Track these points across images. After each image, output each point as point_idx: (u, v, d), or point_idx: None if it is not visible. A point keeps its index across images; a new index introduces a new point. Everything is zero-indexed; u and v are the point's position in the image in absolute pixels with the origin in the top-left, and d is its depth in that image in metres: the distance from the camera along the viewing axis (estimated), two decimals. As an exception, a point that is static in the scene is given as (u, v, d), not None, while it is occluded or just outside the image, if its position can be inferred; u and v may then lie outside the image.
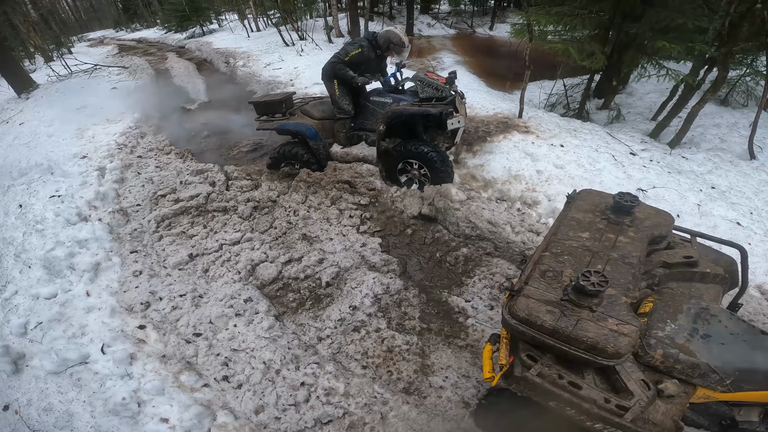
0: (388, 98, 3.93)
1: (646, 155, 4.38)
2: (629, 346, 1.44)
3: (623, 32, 4.85)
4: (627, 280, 1.68)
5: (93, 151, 5.13)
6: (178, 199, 4.12)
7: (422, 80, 3.69)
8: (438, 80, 3.68)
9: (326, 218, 3.81)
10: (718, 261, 2.11)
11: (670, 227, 2.04)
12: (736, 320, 1.77)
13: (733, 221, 3.54)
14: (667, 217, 2.08)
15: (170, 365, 2.58)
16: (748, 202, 3.84)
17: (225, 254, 3.45)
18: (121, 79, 9.24)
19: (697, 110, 4.43)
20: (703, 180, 4.11)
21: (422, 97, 3.72)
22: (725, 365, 1.59)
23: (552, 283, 1.66)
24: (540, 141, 4.40)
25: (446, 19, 13.51)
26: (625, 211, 1.99)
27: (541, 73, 6.65)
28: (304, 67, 6.80)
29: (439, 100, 3.67)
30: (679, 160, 4.39)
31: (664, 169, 4.14)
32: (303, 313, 2.98)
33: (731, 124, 5.01)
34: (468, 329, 2.82)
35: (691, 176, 4.12)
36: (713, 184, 4.07)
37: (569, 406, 1.51)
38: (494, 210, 3.55)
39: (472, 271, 3.29)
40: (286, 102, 4.36)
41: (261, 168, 4.79)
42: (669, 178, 4.00)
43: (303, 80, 6.45)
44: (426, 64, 9.17)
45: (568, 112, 5.93)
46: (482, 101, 5.53)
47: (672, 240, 2.13)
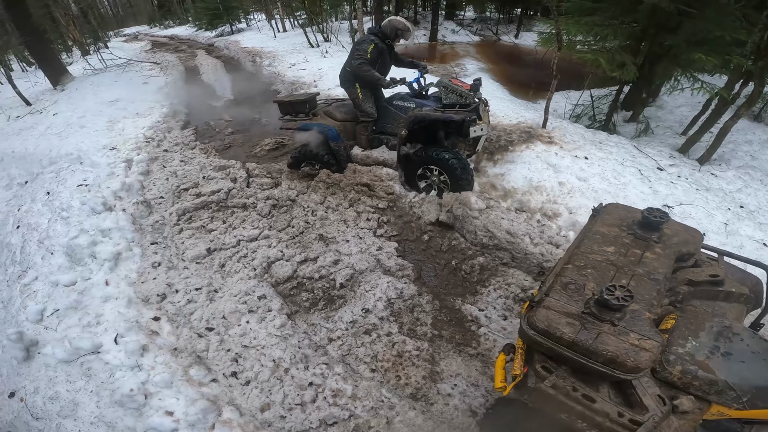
0: (411, 103, 3.90)
1: (674, 171, 4.24)
2: (649, 361, 1.44)
3: (657, 43, 4.73)
4: (651, 296, 1.66)
5: (122, 143, 5.28)
6: (200, 193, 4.20)
7: (446, 86, 3.66)
8: (462, 87, 3.65)
9: (344, 220, 3.82)
10: (744, 281, 2.08)
11: (699, 245, 2.01)
12: (758, 339, 1.76)
13: (760, 242, 3.41)
14: (696, 235, 2.04)
15: (181, 358, 2.59)
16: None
17: (242, 250, 3.49)
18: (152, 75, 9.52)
19: (730, 125, 4.27)
20: (731, 198, 3.97)
21: (445, 103, 3.68)
22: (743, 383, 1.57)
23: (573, 296, 1.65)
24: (563, 152, 4.31)
25: (471, 26, 13.46)
26: (653, 227, 1.96)
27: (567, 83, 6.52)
28: (327, 69, 6.87)
29: (463, 106, 3.63)
30: (708, 177, 4.24)
31: (692, 186, 4.00)
32: (315, 313, 2.99)
33: (764, 141, 4.83)
34: (480, 338, 2.79)
35: (719, 194, 3.97)
36: (742, 203, 3.92)
37: (581, 419, 1.50)
38: (513, 220, 3.49)
39: (487, 280, 3.25)
40: (310, 102, 4.37)
41: (281, 167, 4.84)
42: (697, 195, 3.87)
43: (326, 82, 6.52)
44: (449, 70, 9.14)
45: (593, 123, 5.80)
46: (505, 110, 5.47)
47: (699, 258, 2.09)
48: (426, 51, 11.32)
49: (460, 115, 3.53)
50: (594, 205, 2.30)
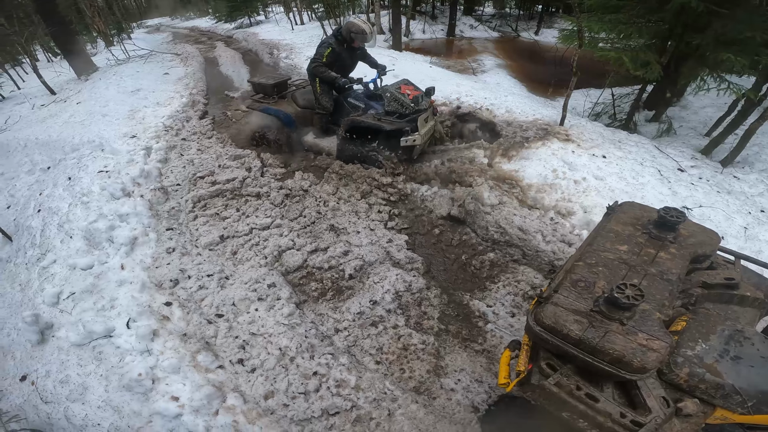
0: (362, 102, 4.18)
1: (695, 172, 4.12)
2: (656, 361, 1.42)
3: (684, 43, 4.58)
4: (663, 297, 1.64)
5: (142, 131, 5.40)
6: (215, 181, 4.27)
7: (391, 94, 3.86)
8: (411, 94, 3.81)
9: (355, 211, 3.84)
10: (760, 285, 2.03)
11: (716, 247, 1.96)
12: None
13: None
14: (714, 237, 1.99)
15: (190, 344, 2.62)
16: (801, 230, 3.53)
17: (254, 238, 3.53)
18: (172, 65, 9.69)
19: (756, 127, 4.12)
20: (753, 202, 3.83)
21: (387, 109, 3.89)
22: (750, 387, 1.55)
23: (583, 294, 1.63)
24: (581, 150, 4.23)
25: (490, 22, 13.25)
26: (670, 227, 1.92)
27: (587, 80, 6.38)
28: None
29: (403, 116, 3.82)
30: (730, 180, 4.11)
31: (712, 188, 3.88)
32: (323, 303, 3.02)
33: (792, 144, 4.62)
34: (486, 334, 2.79)
35: (740, 197, 3.84)
36: (763, 207, 3.78)
37: (583, 418, 1.49)
38: (526, 217, 3.45)
39: (496, 276, 3.24)
40: (279, 87, 4.90)
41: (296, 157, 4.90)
42: (717, 197, 3.75)
43: (342, 75, 6.54)
44: (466, 65, 9.04)
45: (613, 122, 5.66)
46: (522, 106, 5.38)
47: (715, 260, 2.05)
48: (443, 46, 11.21)
49: (394, 126, 3.78)
50: (609, 203, 2.25)
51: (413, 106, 3.79)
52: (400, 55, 8.01)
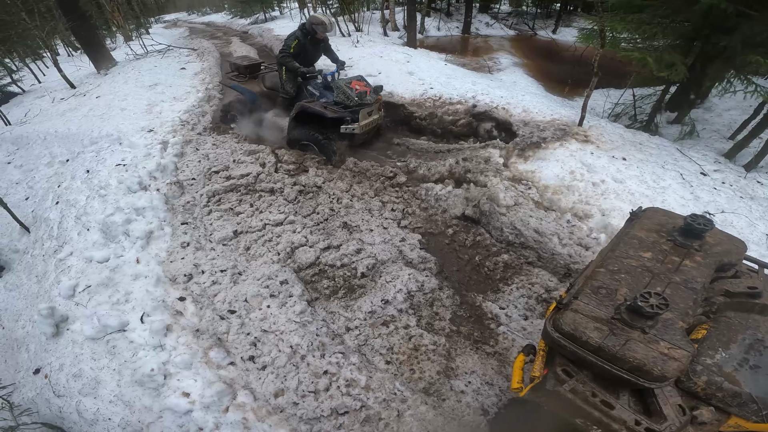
0: (318, 91, 4.65)
1: (718, 176, 3.99)
2: (677, 370, 1.41)
3: (710, 44, 4.45)
4: (687, 306, 1.61)
5: (159, 125, 5.45)
6: (229, 176, 4.29)
7: (338, 87, 4.39)
8: (357, 90, 4.31)
9: (368, 209, 3.83)
10: None
11: (742, 256, 1.92)
12: None
13: (805, 256, 3.16)
14: (740, 245, 1.95)
15: (202, 340, 2.62)
16: (827, 238, 3.39)
17: (267, 234, 3.54)
18: (189, 60, 9.77)
19: (783, 131, 3.98)
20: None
21: (335, 100, 4.40)
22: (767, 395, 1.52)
23: (604, 301, 1.60)
24: (600, 152, 4.14)
25: (506, 20, 13.05)
26: (696, 235, 1.88)
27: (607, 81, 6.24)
28: (358, 58, 6.85)
29: (347, 107, 4.32)
30: (754, 185, 3.97)
31: (736, 193, 3.76)
32: (335, 302, 3.01)
33: (821, 150, 4.44)
34: (498, 337, 2.76)
35: (764, 203, 3.72)
36: (789, 214, 3.65)
37: (597, 425, 1.48)
38: (542, 219, 3.39)
39: (510, 278, 3.19)
40: (251, 68, 5.61)
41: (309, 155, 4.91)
42: (740, 203, 3.63)
43: (356, 70, 6.49)
44: (481, 63, 8.93)
45: (634, 123, 5.52)
46: (539, 105, 5.29)
47: (739, 269, 2.00)
48: (458, 44, 11.09)
49: (337, 114, 4.27)
50: (632, 208, 2.21)
51: (357, 100, 4.28)
52: (415, 53, 7.94)
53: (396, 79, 6.08)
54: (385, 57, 6.93)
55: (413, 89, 5.82)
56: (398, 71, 6.31)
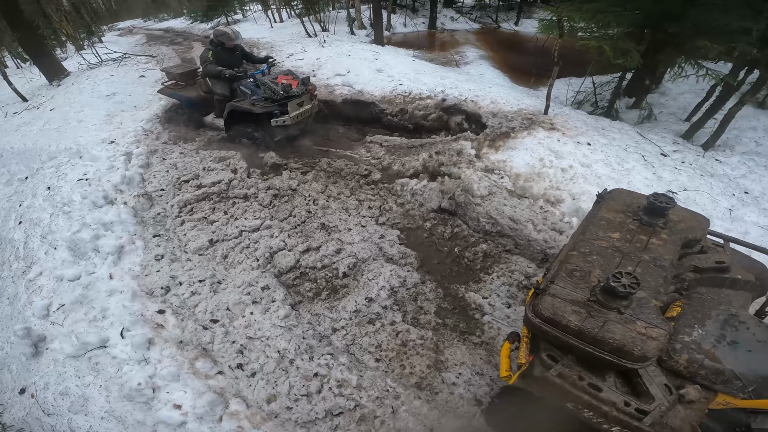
0: (249, 89, 4.80)
1: (678, 157, 4.21)
2: (657, 350, 1.42)
3: (661, 31, 4.66)
4: (658, 283, 1.64)
5: (121, 136, 5.25)
6: (200, 185, 4.18)
7: (263, 83, 4.56)
8: (283, 83, 4.52)
9: (345, 208, 3.81)
10: (750, 268, 2.05)
11: (705, 231, 1.98)
12: (765, 328, 1.74)
13: (765, 228, 3.37)
14: (703, 221, 2.01)
15: (187, 351, 2.59)
16: (783, 209, 3.64)
17: (244, 241, 3.48)
18: (148, 68, 9.41)
19: (735, 112, 4.23)
20: (736, 184, 3.93)
21: (264, 96, 4.57)
22: (750, 372, 1.56)
23: (579, 283, 1.62)
24: (566, 138, 4.28)
25: (470, 14, 13.22)
26: (660, 213, 1.94)
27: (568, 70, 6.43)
28: (326, 58, 6.78)
29: (275, 101, 4.51)
30: (713, 163, 4.21)
31: (696, 172, 3.97)
32: (319, 303, 2.99)
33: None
34: (484, 326, 2.79)
35: (723, 180, 3.94)
36: (747, 188, 3.89)
37: (587, 408, 1.49)
38: (516, 207, 3.47)
39: (490, 267, 3.25)
40: (186, 75, 5.71)
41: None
42: (701, 181, 3.84)
43: (325, 71, 6.44)
44: (449, 57, 9.02)
45: (596, 110, 5.74)
46: (506, 97, 5.41)
47: (706, 244, 2.06)
48: (425, 39, 11.15)
49: (265, 109, 4.51)
50: (599, 191, 2.26)
51: (283, 93, 4.49)
52: (383, 50, 7.93)
53: (365, 77, 6.07)
54: (353, 55, 6.90)
55: (383, 86, 5.83)
56: (367, 69, 6.30)
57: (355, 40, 9.38)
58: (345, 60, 6.65)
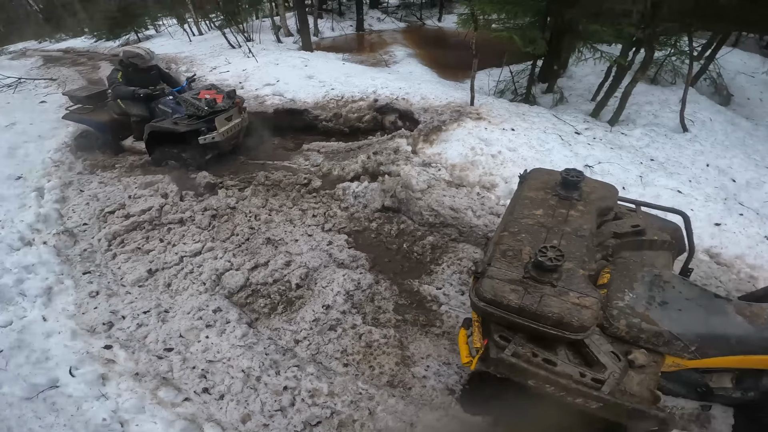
0: (170, 108, 4.57)
1: (590, 133, 4.64)
2: (592, 318, 1.46)
3: (560, 18, 5.06)
4: (582, 253, 1.70)
5: (28, 171, 4.74)
6: (128, 214, 3.91)
7: (184, 100, 4.33)
8: (206, 99, 4.28)
9: (289, 220, 3.76)
10: (664, 228, 2.17)
11: (616, 198, 2.10)
12: (689, 285, 1.81)
13: (674, 189, 3.79)
14: (612, 189, 2.13)
15: (145, 382, 2.50)
16: (686, 171, 4.15)
17: (187, 266, 3.33)
18: (50, 92, 8.53)
19: (630, 89, 4.74)
20: (642, 153, 4.42)
21: (187, 113, 4.35)
22: (686, 332, 1.61)
23: (513, 262, 1.65)
24: (492, 126, 4.55)
25: (396, 13, 13.51)
26: (573, 186, 2.03)
27: (489, 61, 6.81)
28: (253, 69, 6.60)
29: (200, 117, 4.29)
30: (620, 137, 4.70)
31: (606, 146, 4.40)
32: (276, 318, 2.94)
33: (662, 100, 5.40)
34: (443, 316, 2.87)
35: (631, 150, 4.41)
36: (652, 156, 4.37)
37: (548, 384, 1.51)
38: (455, 196, 3.64)
39: (439, 258, 3.35)
40: (94, 97, 5.20)
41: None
42: (612, 153, 4.26)
43: (253, 82, 6.26)
44: (378, 58, 9.17)
45: (516, 97, 6.12)
46: (435, 92, 5.63)
47: (619, 211, 2.17)
48: (354, 41, 11.23)
49: (189, 127, 4.26)
50: (520, 172, 2.36)
51: (207, 109, 4.26)
52: (312, 56, 7.88)
53: (296, 85, 6.00)
54: (281, 64, 6.78)
55: (315, 92, 5.80)
56: (297, 76, 6.23)
57: (282, 48, 9.22)
58: (273, 69, 6.53)
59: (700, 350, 1.62)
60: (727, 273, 3.16)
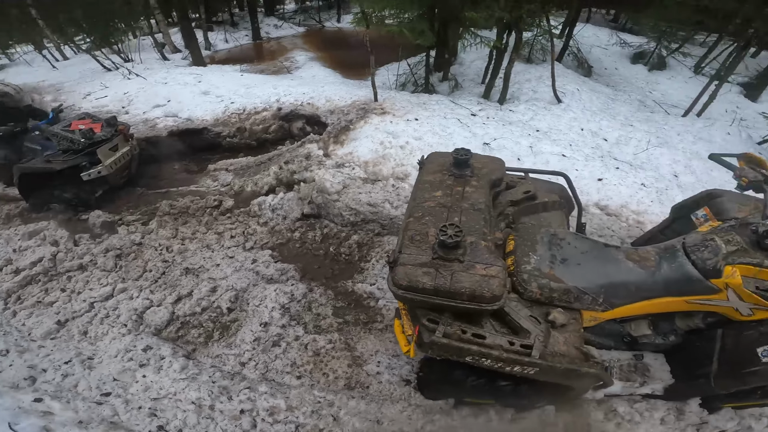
0: (38, 145, 4.10)
1: (483, 114, 5.07)
2: (501, 286, 1.51)
3: (444, 8, 5.38)
4: (480, 226, 1.78)
5: None
6: (17, 269, 3.43)
7: (54, 134, 3.85)
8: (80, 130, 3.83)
9: (206, 246, 3.58)
10: (552, 190, 2.39)
11: (503, 169, 2.25)
12: (582, 239, 1.96)
13: (558, 154, 4.32)
14: (499, 162, 2.29)
15: (92, 429, 2.29)
16: (566, 137, 4.74)
17: (100, 312, 3.07)
18: None
19: (509, 69, 5.26)
20: (529, 126, 4.95)
21: (60, 148, 3.90)
22: (590, 284, 1.71)
23: (422, 246, 1.69)
24: (397, 119, 4.75)
25: (293, 18, 13.29)
26: (464, 164, 2.15)
27: (388, 56, 7.06)
28: (136, 91, 6.01)
29: (78, 151, 3.86)
30: (508, 114, 5.20)
31: (499, 123, 4.85)
32: (215, 345, 2.84)
33: (538, 77, 6.06)
34: (382, 311, 2.95)
35: (519, 125, 4.92)
36: (537, 127, 4.91)
37: (483, 357, 1.56)
38: (370, 192, 3.75)
39: (367, 255, 3.44)
40: None
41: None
42: (504, 129, 4.72)
43: (139, 105, 5.70)
44: (279, 66, 8.98)
45: (417, 88, 6.41)
46: (339, 92, 5.70)
47: (510, 180, 2.37)
48: (252, 51, 10.82)
49: (67, 164, 3.79)
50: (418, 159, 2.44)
51: (84, 141, 3.83)
52: (206, 70, 7.44)
53: (191, 103, 5.63)
54: (170, 82, 6.30)
55: (213, 108, 5.51)
56: (190, 94, 5.85)
57: (169, 65, 8.54)
58: (162, 89, 6.05)
59: (607, 301, 1.72)
60: (617, 222, 3.62)
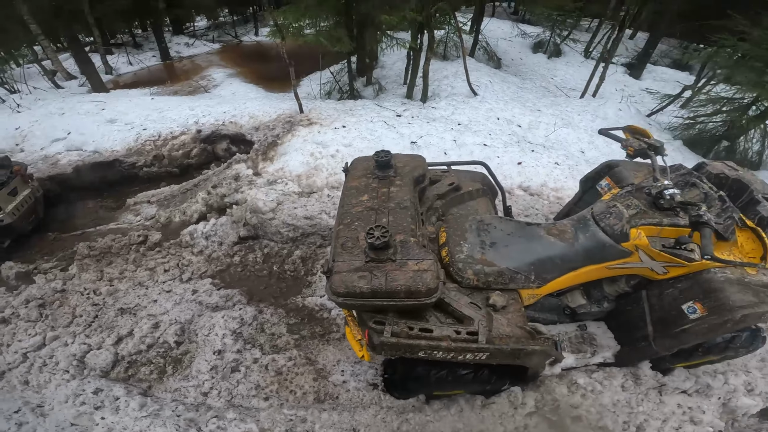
0: None
1: (408, 114, 5.26)
2: (435, 278, 1.55)
3: (359, 14, 5.47)
4: (408, 223, 1.84)
5: None
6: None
7: None
8: None
9: (138, 283, 3.36)
10: (474, 179, 2.51)
11: (425, 166, 2.34)
12: (506, 221, 2.07)
13: (480, 144, 4.61)
14: (420, 159, 2.37)
15: None
16: (485, 127, 5.07)
17: (36, 361, 2.82)
18: None
19: (427, 68, 5.51)
20: (451, 121, 5.22)
21: None
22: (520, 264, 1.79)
23: (354, 251, 1.72)
24: (325, 128, 4.77)
25: (207, 35, 12.72)
26: (386, 165, 2.20)
27: (310, 66, 7.05)
28: (29, 125, 5.33)
29: None
30: (431, 111, 5.44)
31: (423, 121, 5.06)
32: (170, 379, 2.72)
33: (454, 73, 6.41)
34: (336, 320, 2.97)
35: (442, 121, 5.17)
36: (458, 121, 5.20)
37: (434, 350, 1.61)
38: (306, 205, 3.73)
39: (312, 268, 3.44)
40: None
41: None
42: (429, 126, 4.93)
43: (35, 140, 5.04)
44: (194, 85, 8.57)
45: (342, 95, 6.49)
46: (263, 108, 5.57)
47: (434, 175, 2.47)
48: (162, 72, 10.18)
49: None
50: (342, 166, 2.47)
51: None
52: (109, 96, 6.86)
53: (96, 134, 5.12)
54: (68, 112, 5.69)
55: (123, 137, 5.07)
56: (94, 123, 5.32)
57: (65, 93, 7.75)
58: (59, 120, 5.46)
59: (539, 277, 1.81)
60: (539, 201, 3.93)
